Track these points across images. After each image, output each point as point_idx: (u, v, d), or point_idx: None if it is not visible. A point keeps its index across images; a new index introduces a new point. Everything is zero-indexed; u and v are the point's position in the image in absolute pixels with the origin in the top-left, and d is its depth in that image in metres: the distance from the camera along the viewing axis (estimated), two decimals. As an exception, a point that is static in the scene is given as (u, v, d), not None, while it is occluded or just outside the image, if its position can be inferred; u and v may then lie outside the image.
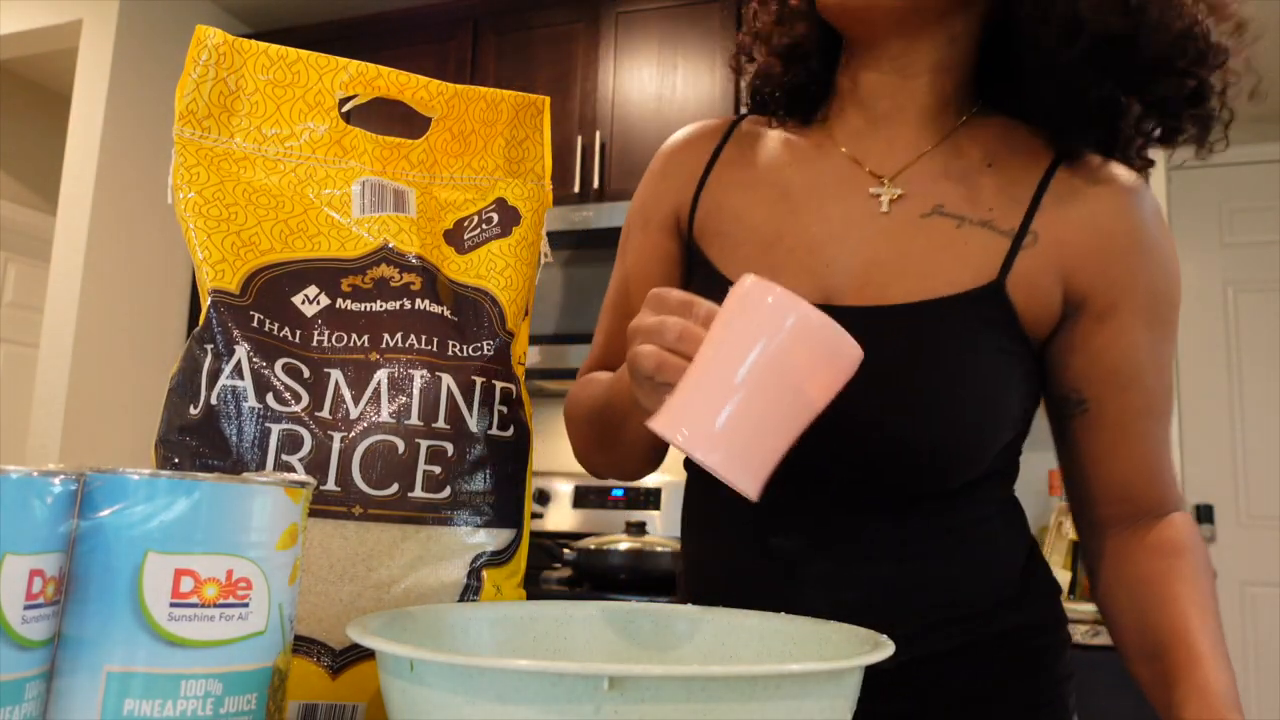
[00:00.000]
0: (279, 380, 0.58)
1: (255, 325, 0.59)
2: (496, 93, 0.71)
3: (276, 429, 0.57)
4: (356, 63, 0.67)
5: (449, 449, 0.60)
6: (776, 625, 0.52)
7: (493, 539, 0.61)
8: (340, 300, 0.62)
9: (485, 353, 0.63)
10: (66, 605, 0.37)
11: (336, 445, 0.57)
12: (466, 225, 0.69)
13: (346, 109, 0.69)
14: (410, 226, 0.66)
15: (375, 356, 0.60)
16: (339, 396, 0.59)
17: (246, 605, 0.39)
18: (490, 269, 0.67)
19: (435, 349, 0.62)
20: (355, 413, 0.59)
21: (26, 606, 0.35)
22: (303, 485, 0.42)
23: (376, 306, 0.62)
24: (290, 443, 0.57)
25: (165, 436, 0.58)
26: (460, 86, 0.70)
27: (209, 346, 0.58)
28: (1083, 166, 0.75)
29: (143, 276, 2.96)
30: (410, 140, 0.70)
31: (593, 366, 0.89)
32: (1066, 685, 0.79)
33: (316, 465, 0.57)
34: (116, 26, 2.89)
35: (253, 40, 0.65)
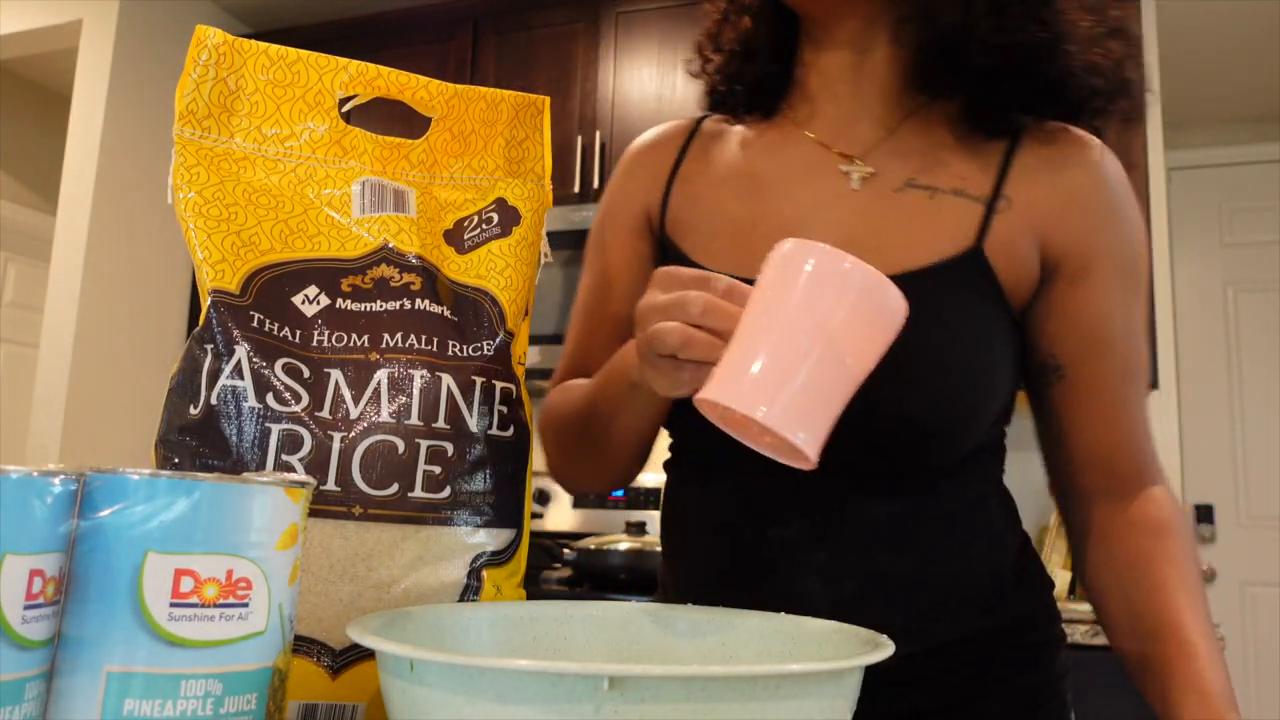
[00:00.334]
0: (279, 380, 0.58)
1: (255, 325, 0.59)
2: (496, 93, 0.71)
3: (276, 429, 0.57)
4: (356, 63, 0.67)
5: (449, 449, 0.60)
6: (776, 625, 0.52)
7: (493, 539, 0.61)
8: (340, 300, 0.62)
9: (485, 353, 0.63)
10: (66, 605, 0.37)
11: (336, 445, 0.57)
12: (466, 225, 0.69)
13: (346, 109, 0.69)
14: (410, 226, 0.66)
15: (375, 356, 0.60)
16: (339, 396, 0.59)
17: (246, 605, 0.39)
18: (490, 269, 0.67)
19: (435, 349, 0.62)
20: (355, 413, 0.59)
21: (26, 606, 0.35)
22: (303, 485, 0.42)
23: (376, 306, 0.62)
24: (290, 443, 0.57)
25: (165, 436, 0.58)
26: (460, 86, 0.70)
27: (209, 346, 0.58)
28: (1046, 135, 0.77)
29: (143, 276, 2.96)
30: (410, 140, 0.70)
31: (566, 375, 0.88)
32: (1064, 683, 0.79)
33: (316, 465, 0.57)
34: (116, 26, 2.90)
35: (253, 40, 0.65)
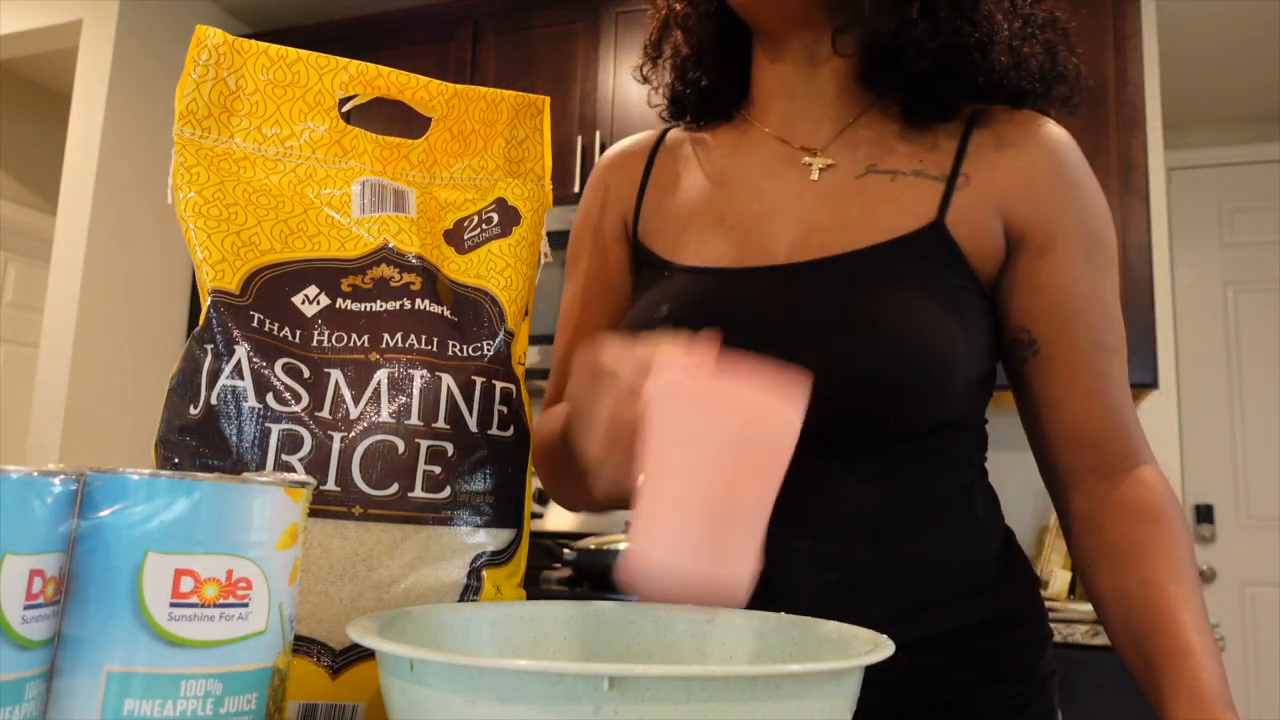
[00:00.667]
0: (279, 380, 0.58)
1: (255, 325, 0.59)
2: (496, 93, 0.71)
3: (276, 429, 0.57)
4: (356, 63, 0.67)
5: (449, 449, 0.60)
6: (776, 625, 0.52)
7: (493, 539, 0.61)
8: (340, 300, 0.62)
9: (485, 353, 0.63)
10: (66, 605, 0.37)
11: (336, 445, 0.57)
12: (466, 225, 0.69)
13: (346, 109, 0.69)
14: (410, 226, 0.66)
15: (375, 356, 0.60)
16: (339, 396, 0.59)
17: (246, 605, 0.39)
18: (490, 269, 0.67)
19: (435, 349, 0.62)
20: (355, 413, 0.59)
21: (26, 606, 0.35)
22: (303, 485, 0.42)
23: (376, 306, 0.62)
24: (290, 443, 0.57)
25: (165, 436, 0.58)
26: (460, 86, 0.70)
27: (209, 346, 0.58)
28: (998, 118, 0.79)
29: (143, 276, 2.96)
30: (410, 140, 0.70)
31: (554, 391, 0.89)
32: (1051, 683, 0.78)
33: (316, 465, 0.57)
34: (116, 26, 2.90)
35: (253, 40, 0.65)
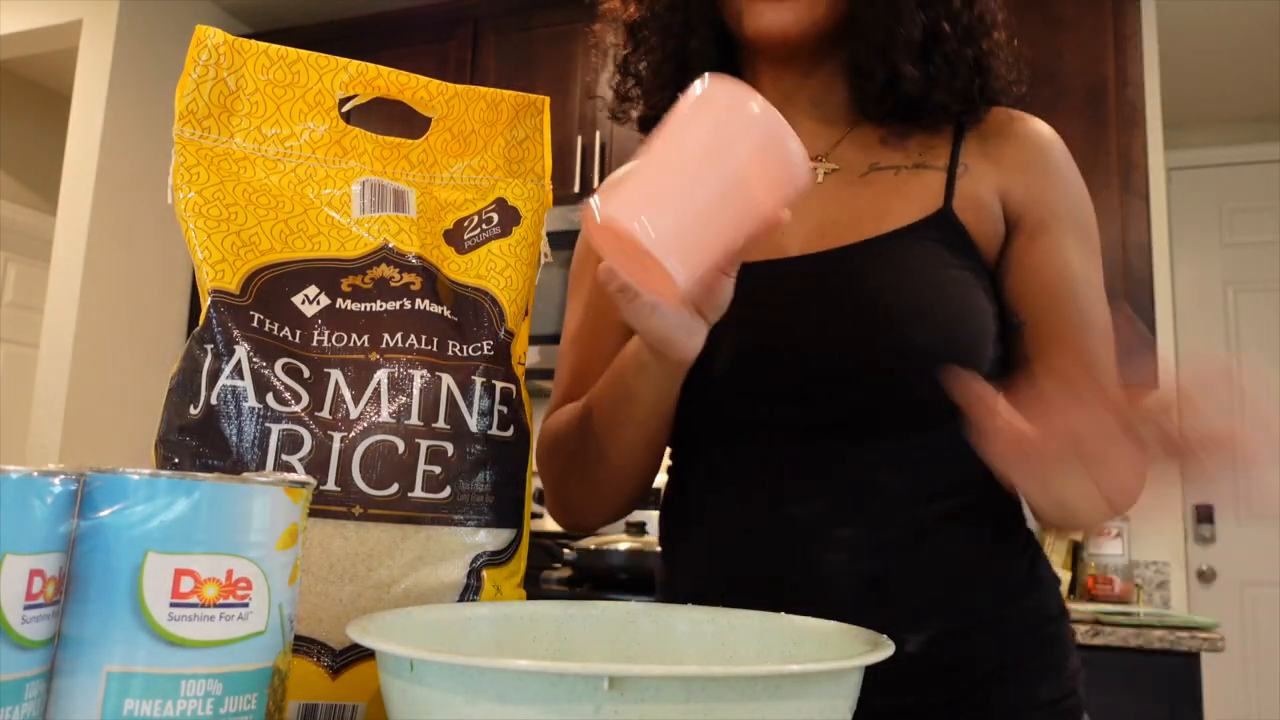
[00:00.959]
0: (279, 380, 0.58)
1: (255, 325, 0.59)
2: (496, 93, 0.71)
3: (276, 429, 0.57)
4: (356, 63, 0.67)
5: (449, 449, 0.60)
6: (776, 625, 0.52)
7: (493, 539, 0.61)
8: (340, 300, 0.62)
9: (485, 353, 0.63)
10: (66, 605, 0.37)
11: (336, 445, 0.57)
12: (466, 225, 0.69)
13: (346, 109, 0.69)
14: (410, 226, 0.66)
15: (375, 356, 0.60)
16: (339, 396, 0.59)
17: (246, 605, 0.39)
18: (490, 269, 0.67)
19: (435, 349, 0.62)
20: (355, 413, 0.59)
21: (26, 606, 0.35)
22: (303, 485, 0.42)
23: (376, 306, 0.62)
24: (290, 443, 0.57)
25: (165, 436, 0.58)
26: (460, 86, 0.70)
27: (209, 346, 0.58)
28: (986, 115, 0.83)
29: (143, 276, 2.96)
30: (410, 140, 0.70)
31: (562, 403, 0.89)
32: (1079, 680, 0.79)
33: (316, 465, 0.57)
34: (116, 26, 2.90)
35: (253, 40, 0.65)
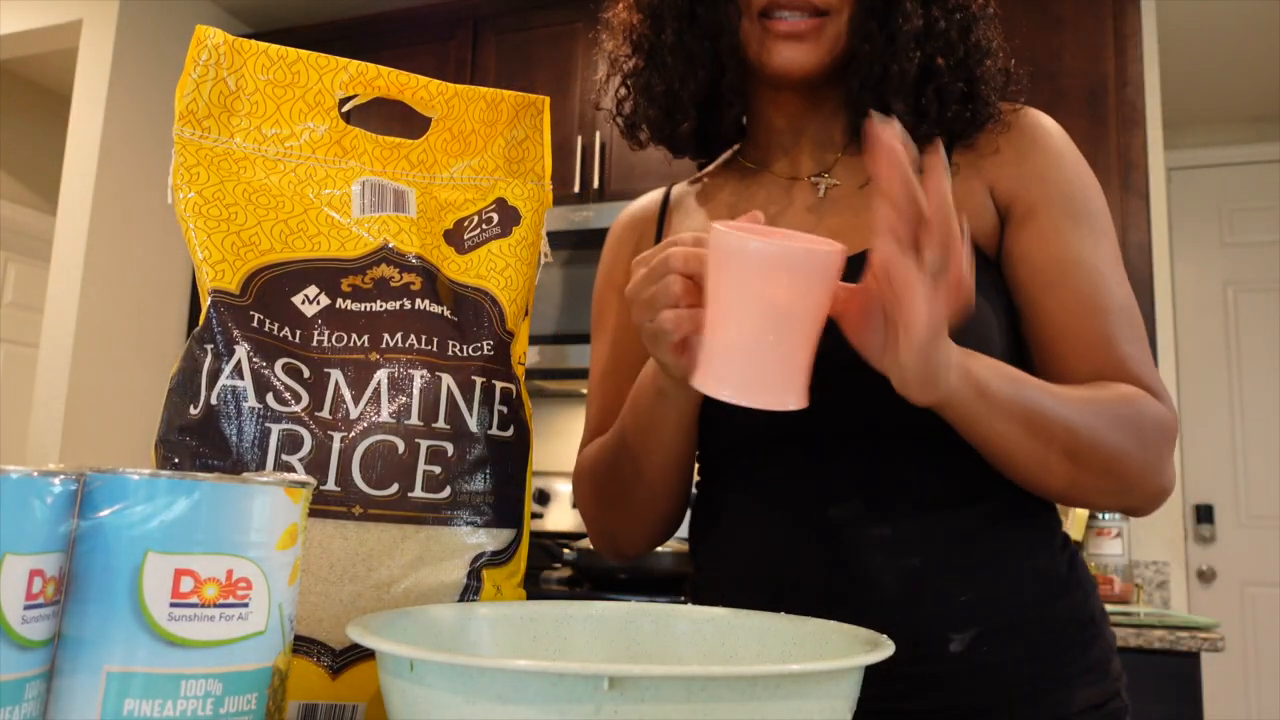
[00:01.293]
0: (279, 380, 0.58)
1: (255, 325, 0.59)
2: (496, 93, 0.71)
3: (276, 429, 0.57)
4: (356, 63, 0.67)
5: (449, 449, 0.60)
6: (776, 625, 0.52)
7: (493, 539, 0.61)
8: (340, 300, 0.62)
9: (485, 353, 0.63)
10: (66, 605, 0.37)
11: (336, 445, 0.57)
12: (466, 225, 0.69)
13: (346, 109, 0.69)
14: (410, 226, 0.66)
15: (375, 356, 0.60)
16: (339, 396, 0.59)
17: (246, 605, 0.39)
18: (490, 269, 0.67)
19: (435, 349, 0.62)
20: (355, 413, 0.59)
21: (26, 606, 0.35)
22: (303, 485, 0.42)
23: (376, 306, 0.62)
24: (290, 443, 0.57)
25: (165, 436, 0.58)
26: (460, 86, 0.70)
27: (209, 346, 0.58)
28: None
29: (143, 276, 2.96)
30: (410, 140, 0.70)
31: (593, 436, 0.93)
32: (1122, 684, 0.79)
33: (316, 465, 0.57)
34: (116, 26, 2.89)
35: (253, 40, 0.65)
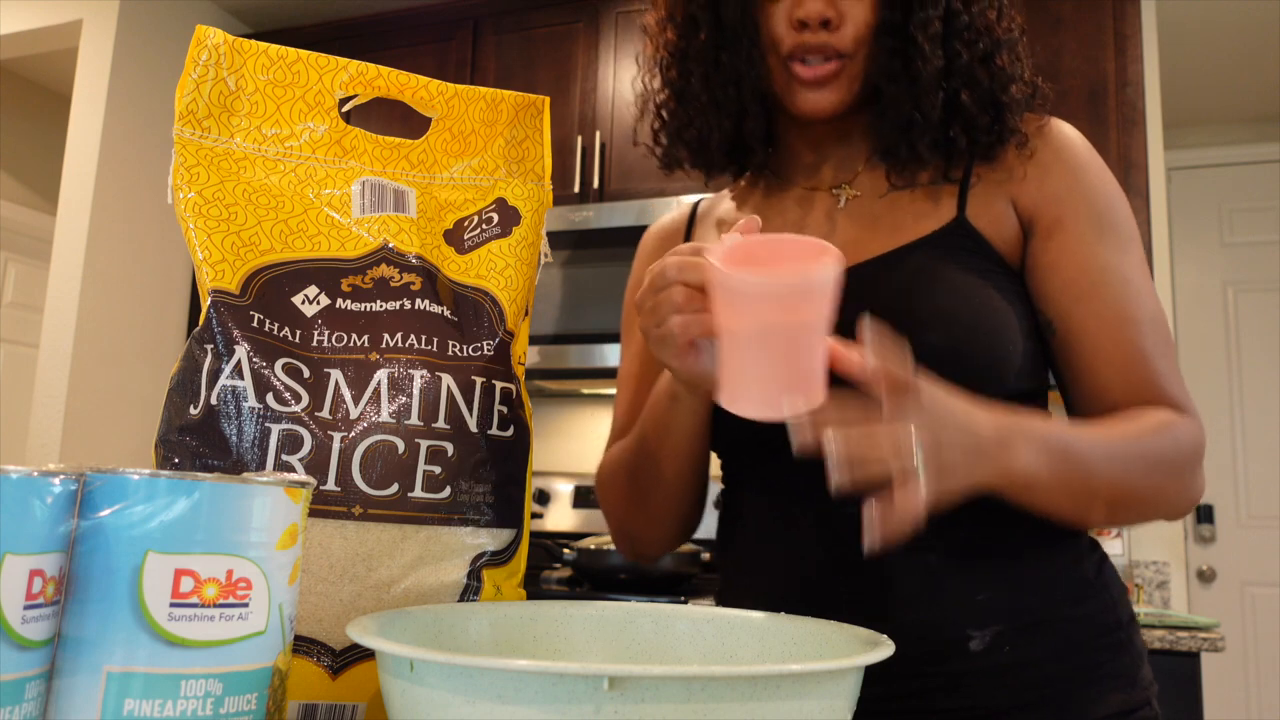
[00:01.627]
0: (279, 380, 0.58)
1: (255, 325, 0.59)
2: (496, 93, 0.71)
3: (276, 429, 0.57)
4: (356, 63, 0.67)
5: (449, 449, 0.60)
6: (776, 625, 0.52)
7: (493, 539, 0.61)
8: (340, 300, 0.62)
9: (485, 353, 0.63)
10: (66, 605, 0.37)
11: (336, 445, 0.57)
12: (466, 225, 0.69)
13: (346, 109, 0.69)
14: (410, 226, 0.66)
15: (375, 356, 0.60)
16: (339, 396, 0.59)
17: (246, 605, 0.39)
18: (490, 269, 0.67)
19: (435, 349, 0.62)
20: (355, 413, 0.59)
21: (26, 606, 0.35)
22: (303, 485, 0.42)
23: (376, 306, 0.62)
24: (290, 443, 0.57)
25: (165, 436, 0.58)
26: (460, 86, 0.70)
27: (209, 346, 0.58)
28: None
29: (143, 276, 2.96)
30: (410, 140, 0.70)
31: (619, 437, 0.94)
32: (1152, 691, 0.78)
33: (316, 465, 0.57)
34: (116, 26, 2.89)
35: (253, 40, 0.65)
